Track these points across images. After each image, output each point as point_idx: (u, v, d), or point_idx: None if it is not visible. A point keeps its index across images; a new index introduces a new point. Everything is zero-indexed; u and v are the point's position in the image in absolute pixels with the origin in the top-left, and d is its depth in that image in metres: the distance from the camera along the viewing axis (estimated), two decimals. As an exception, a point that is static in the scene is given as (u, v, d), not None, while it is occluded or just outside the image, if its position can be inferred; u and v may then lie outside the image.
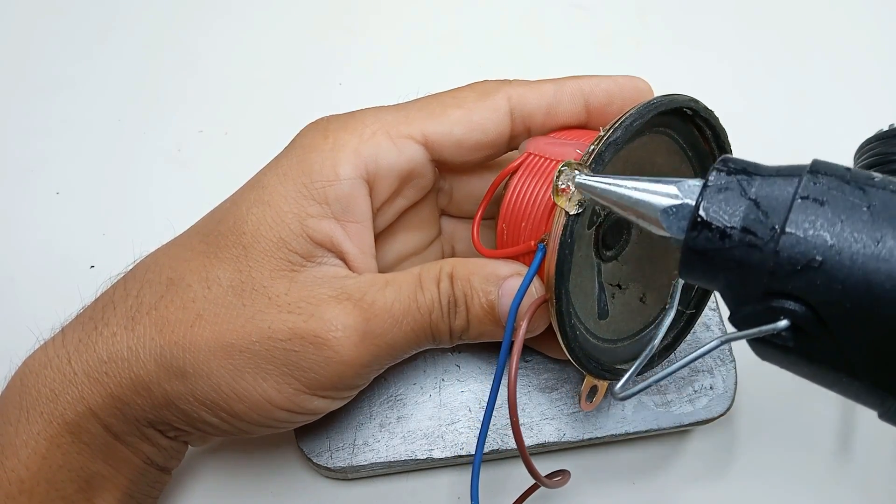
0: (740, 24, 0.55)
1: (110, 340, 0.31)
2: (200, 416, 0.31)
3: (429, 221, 0.37)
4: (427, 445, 0.37)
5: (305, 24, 0.54)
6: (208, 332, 0.30)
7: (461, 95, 0.33)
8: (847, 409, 0.41)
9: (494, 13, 0.55)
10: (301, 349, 0.29)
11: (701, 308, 0.36)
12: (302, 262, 0.31)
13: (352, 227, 0.31)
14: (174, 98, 0.51)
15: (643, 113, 0.29)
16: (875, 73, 0.52)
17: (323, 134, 0.32)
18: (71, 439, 0.30)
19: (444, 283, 0.30)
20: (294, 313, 0.30)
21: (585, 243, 0.32)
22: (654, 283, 0.35)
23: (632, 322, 0.34)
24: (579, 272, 0.32)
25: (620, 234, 0.34)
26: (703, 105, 0.32)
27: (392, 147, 0.32)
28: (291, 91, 0.51)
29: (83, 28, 0.53)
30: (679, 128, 0.32)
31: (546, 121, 0.33)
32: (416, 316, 0.30)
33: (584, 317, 0.32)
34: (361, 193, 0.31)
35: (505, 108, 0.32)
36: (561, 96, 0.33)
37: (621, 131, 0.29)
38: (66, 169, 0.48)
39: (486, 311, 0.30)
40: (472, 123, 0.32)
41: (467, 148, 0.33)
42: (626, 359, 0.33)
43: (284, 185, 0.31)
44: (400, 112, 0.33)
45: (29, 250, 0.45)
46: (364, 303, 0.30)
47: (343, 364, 0.30)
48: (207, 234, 0.32)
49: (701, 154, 0.33)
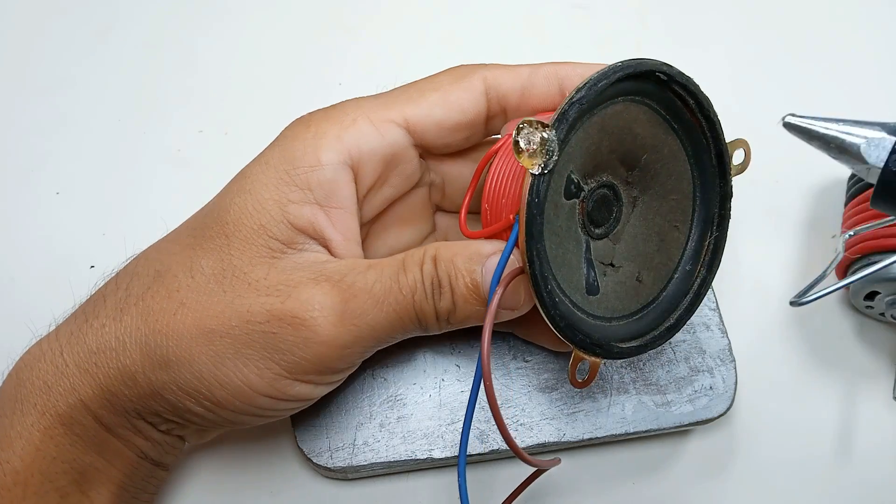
0: (740, 24, 0.55)
1: (99, 332, 0.31)
2: (186, 405, 0.31)
3: (422, 216, 0.37)
4: (427, 445, 0.37)
5: (305, 24, 0.54)
6: (190, 319, 0.30)
7: (438, 79, 0.34)
8: (847, 409, 0.41)
9: (494, 13, 0.55)
10: (279, 331, 0.29)
11: (713, 270, 0.34)
12: (283, 249, 0.31)
13: (335, 212, 0.31)
14: (174, 98, 0.51)
15: (608, 74, 0.29)
16: (875, 73, 0.52)
17: (305, 124, 0.32)
18: (63, 431, 0.31)
19: (428, 265, 0.30)
20: (272, 296, 0.30)
21: (566, 214, 0.31)
22: (650, 263, 0.34)
23: (627, 301, 0.34)
24: (560, 242, 0.31)
25: (610, 211, 0.33)
26: (679, 70, 0.31)
27: (374, 132, 0.32)
28: (291, 91, 0.51)
29: (83, 28, 0.53)
30: (657, 96, 0.32)
31: (521, 102, 0.34)
32: (398, 297, 0.30)
33: (568, 289, 0.31)
34: (344, 179, 0.31)
35: (480, 88, 0.33)
36: (535, 79, 0.33)
37: (585, 90, 0.28)
38: (66, 169, 0.48)
39: (470, 291, 0.30)
40: (450, 104, 0.33)
41: (448, 129, 0.33)
42: (623, 338, 0.33)
43: (266, 173, 0.31)
44: (380, 99, 0.33)
45: (29, 250, 0.45)
46: (343, 284, 0.30)
47: (322, 345, 0.30)
48: (195, 228, 0.32)
49: (687, 126, 0.33)
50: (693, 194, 0.34)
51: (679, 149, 0.33)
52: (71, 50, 0.52)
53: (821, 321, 0.43)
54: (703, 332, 0.39)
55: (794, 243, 0.46)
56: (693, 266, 0.34)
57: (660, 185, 0.34)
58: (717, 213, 0.34)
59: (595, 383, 0.38)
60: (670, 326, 0.33)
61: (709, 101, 0.32)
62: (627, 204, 0.34)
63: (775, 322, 0.44)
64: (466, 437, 0.30)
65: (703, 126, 0.33)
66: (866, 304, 0.42)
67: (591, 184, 0.32)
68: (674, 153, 0.33)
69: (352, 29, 0.54)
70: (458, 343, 0.39)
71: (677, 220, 0.34)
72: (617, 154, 0.32)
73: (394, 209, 0.36)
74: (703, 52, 0.53)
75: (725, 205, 0.34)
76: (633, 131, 0.32)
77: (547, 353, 0.38)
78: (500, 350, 0.39)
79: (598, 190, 0.33)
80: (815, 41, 0.53)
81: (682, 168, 0.33)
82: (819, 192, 0.47)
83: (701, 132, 0.33)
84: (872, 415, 0.41)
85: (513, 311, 0.31)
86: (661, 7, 0.55)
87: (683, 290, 0.34)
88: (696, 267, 0.34)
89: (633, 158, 0.33)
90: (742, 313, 0.43)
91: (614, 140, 0.32)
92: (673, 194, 0.34)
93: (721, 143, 0.33)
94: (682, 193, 0.34)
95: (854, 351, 0.43)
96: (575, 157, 0.31)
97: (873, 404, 0.41)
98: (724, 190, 0.34)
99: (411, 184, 0.35)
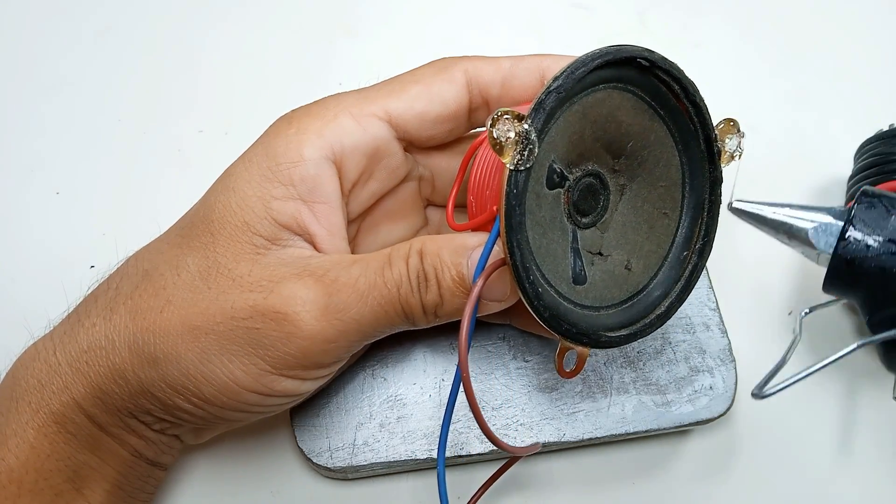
0: (740, 24, 0.55)
1: (90, 331, 0.31)
2: (175, 402, 0.31)
3: (412, 210, 0.37)
4: (427, 445, 0.37)
5: (305, 25, 0.54)
6: (176, 316, 0.30)
7: (419, 72, 0.34)
8: (847, 409, 0.41)
9: (495, 13, 0.55)
10: (262, 326, 0.29)
11: (704, 256, 0.34)
12: (267, 245, 0.31)
13: (319, 207, 0.31)
14: (174, 98, 0.51)
15: (585, 61, 0.29)
16: (875, 73, 0.52)
17: (287, 121, 0.33)
18: (57, 429, 0.31)
19: (414, 259, 0.30)
20: (255, 291, 0.30)
21: (549, 204, 0.31)
22: (639, 250, 0.34)
23: (616, 290, 0.33)
24: (545, 233, 0.31)
25: (596, 200, 0.33)
26: (661, 56, 0.31)
27: (356, 126, 0.32)
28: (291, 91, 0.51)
29: (83, 28, 0.53)
30: (641, 83, 0.31)
31: (501, 93, 0.34)
32: (383, 291, 0.30)
33: (554, 279, 0.31)
34: (328, 174, 0.32)
35: (462, 80, 0.33)
36: (517, 70, 0.34)
37: (562, 79, 0.28)
38: (66, 169, 0.48)
39: (457, 283, 0.30)
40: (431, 96, 0.33)
41: (430, 121, 0.33)
42: (612, 326, 0.32)
43: (249, 170, 0.32)
44: (361, 93, 0.33)
45: (29, 250, 0.45)
46: (327, 278, 0.30)
47: (305, 339, 0.30)
48: (182, 228, 0.33)
49: (674, 112, 0.32)
50: (682, 181, 0.33)
51: (666, 135, 0.33)
52: (71, 50, 0.52)
53: (821, 321, 0.43)
54: (703, 332, 0.39)
55: (794, 243, 0.46)
56: (684, 252, 0.34)
57: (647, 172, 0.33)
58: (708, 199, 0.33)
59: (596, 384, 0.38)
60: (661, 314, 0.33)
61: (694, 85, 0.32)
62: (615, 192, 0.33)
63: (775, 322, 0.44)
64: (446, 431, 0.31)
65: (690, 111, 0.32)
66: (866, 304, 0.42)
67: (577, 173, 0.32)
68: (660, 140, 0.33)
69: (352, 29, 0.54)
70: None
71: (666, 207, 0.34)
72: (602, 142, 0.32)
73: (384, 204, 0.36)
74: (704, 51, 0.53)
75: (716, 190, 0.33)
76: (618, 119, 0.32)
77: (547, 353, 0.38)
78: (500, 350, 0.39)
79: (583, 179, 0.32)
80: (815, 41, 0.54)
81: (670, 155, 0.33)
82: (819, 192, 0.47)
83: (688, 117, 0.32)
84: (872, 415, 0.41)
85: (500, 303, 0.31)
86: (661, 7, 0.55)
87: (675, 277, 0.33)
88: (687, 254, 0.34)
89: (618, 146, 0.33)
90: (742, 313, 0.43)
91: (598, 128, 0.31)
92: (661, 181, 0.33)
93: (709, 127, 0.32)
94: (671, 180, 0.33)
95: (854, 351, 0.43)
96: (557, 147, 0.30)
97: (873, 404, 0.41)
98: (714, 175, 0.33)
99: (398, 178, 0.35)
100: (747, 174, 0.34)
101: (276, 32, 0.54)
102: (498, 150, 0.28)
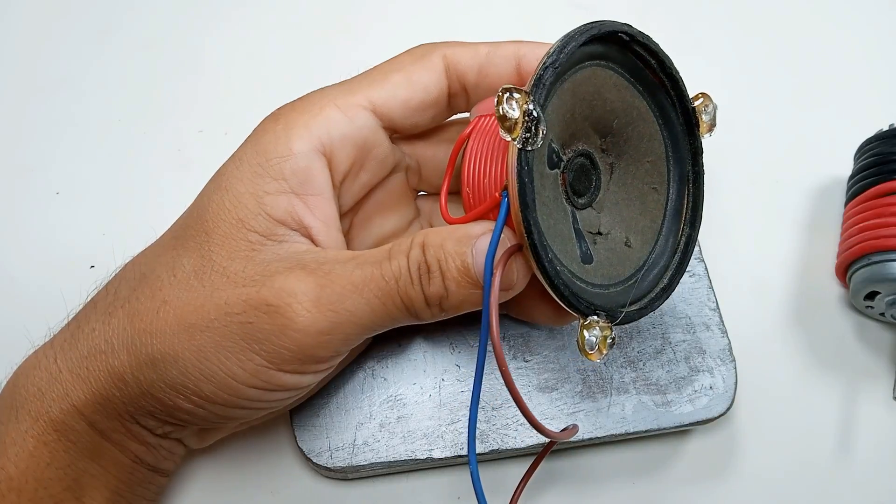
0: (740, 25, 0.55)
1: (90, 336, 0.31)
2: (175, 403, 0.31)
3: (402, 201, 0.37)
4: (427, 445, 0.37)
5: (306, 25, 0.54)
6: (172, 316, 0.30)
7: (399, 60, 0.34)
8: (847, 409, 0.41)
9: (495, 13, 0.55)
10: (255, 320, 0.29)
11: (696, 226, 0.34)
12: (262, 241, 0.31)
13: (312, 199, 0.32)
14: (174, 98, 0.51)
15: (575, 36, 0.29)
16: (874, 74, 0.52)
17: (274, 118, 0.33)
18: (57, 437, 0.31)
19: (415, 252, 0.30)
20: (248, 286, 0.30)
21: (551, 184, 0.31)
22: (635, 226, 0.34)
23: (620, 267, 0.33)
24: (550, 213, 0.31)
25: (589, 180, 0.33)
26: (639, 31, 0.32)
27: (342, 117, 0.32)
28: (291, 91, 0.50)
29: (83, 28, 0.53)
30: (621, 60, 0.32)
31: (478, 80, 0.34)
32: (381, 283, 0.30)
33: (566, 260, 0.31)
34: (318, 166, 0.32)
35: (440, 66, 0.34)
36: (494, 57, 0.34)
37: (556, 54, 0.29)
38: (66, 169, 0.48)
39: (462, 274, 0.30)
40: (412, 84, 0.33)
41: (413, 108, 0.34)
42: (622, 303, 0.32)
43: (240, 168, 0.32)
44: (345, 85, 0.34)
45: (29, 250, 0.45)
46: (320, 271, 0.30)
47: (299, 332, 0.29)
48: (177, 230, 0.33)
49: (651, 87, 0.33)
50: (665, 154, 0.34)
51: (647, 110, 0.33)
52: (71, 50, 0.52)
53: (821, 321, 0.43)
54: (703, 332, 0.39)
55: (794, 243, 0.46)
56: (676, 224, 0.34)
57: (633, 148, 0.34)
58: (692, 170, 0.34)
59: (596, 384, 0.38)
60: (665, 287, 0.34)
61: (670, 59, 0.33)
62: (605, 171, 0.34)
63: (775, 322, 0.44)
64: (474, 431, 0.29)
65: (667, 85, 0.33)
66: (866, 304, 0.42)
67: (569, 153, 0.32)
68: (642, 115, 0.33)
69: (353, 29, 0.54)
70: (457, 343, 0.39)
71: (654, 181, 0.34)
72: (590, 121, 0.33)
73: (374, 197, 0.36)
74: (704, 51, 0.53)
75: (698, 160, 0.34)
76: (603, 96, 0.32)
77: (547, 353, 0.38)
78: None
79: (576, 159, 0.33)
80: (815, 41, 0.54)
81: (652, 130, 0.34)
82: (819, 192, 0.47)
83: (665, 92, 0.33)
84: (872, 415, 0.41)
85: (507, 293, 0.31)
86: (661, 7, 0.55)
87: (672, 249, 0.34)
88: (679, 225, 0.34)
89: (605, 125, 0.33)
90: (742, 313, 0.43)
91: (586, 106, 0.32)
92: (647, 156, 0.34)
93: (686, 99, 0.33)
94: (656, 154, 0.34)
95: (854, 351, 0.43)
96: (553, 126, 0.31)
97: (873, 404, 0.41)
98: (695, 146, 0.34)
99: (387, 168, 0.35)
100: (748, 174, 0.34)
101: (275, 32, 0.54)
102: (508, 129, 0.28)
